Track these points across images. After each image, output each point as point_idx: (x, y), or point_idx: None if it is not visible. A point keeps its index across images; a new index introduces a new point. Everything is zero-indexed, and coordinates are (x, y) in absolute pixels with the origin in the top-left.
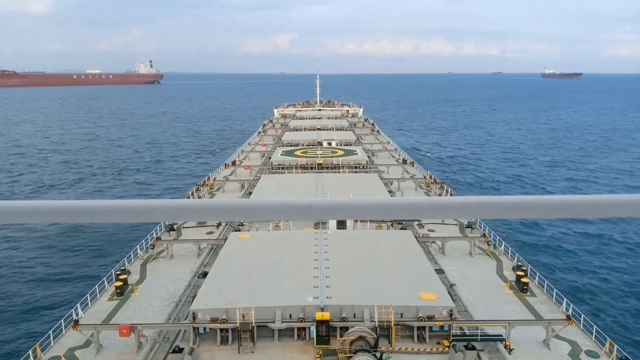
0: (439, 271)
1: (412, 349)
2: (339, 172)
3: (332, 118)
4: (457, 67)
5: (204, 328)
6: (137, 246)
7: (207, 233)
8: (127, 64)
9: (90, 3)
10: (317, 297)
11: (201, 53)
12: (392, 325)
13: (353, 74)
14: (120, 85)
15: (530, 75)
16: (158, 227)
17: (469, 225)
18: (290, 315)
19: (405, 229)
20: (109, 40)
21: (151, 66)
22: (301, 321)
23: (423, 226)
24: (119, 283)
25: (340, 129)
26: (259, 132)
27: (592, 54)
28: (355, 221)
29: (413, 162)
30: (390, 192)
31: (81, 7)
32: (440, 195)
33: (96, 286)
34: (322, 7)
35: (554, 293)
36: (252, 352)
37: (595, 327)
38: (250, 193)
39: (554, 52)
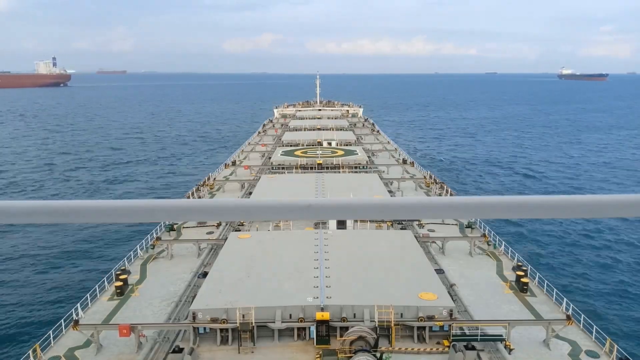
0: (439, 271)
1: (412, 349)
2: (339, 172)
3: (332, 118)
4: (444, 67)
5: (204, 328)
6: (137, 246)
7: (207, 233)
8: (102, 64)
9: (69, 1)
10: (317, 297)
11: (182, 53)
12: (392, 325)
13: (336, 74)
14: (6, 88)
15: (545, 76)
16: (158, 227)
17: (469, 225)
18: (290, 315)
19: (405, 229)
20: (87, 40)
21: (54, 65)
22: (301, 321)
23: (423, 226)
24: (119, 283)
25: (340, 129)
26: (259, 132)
27: (570, 54)
28: (355, 221)
29: (413, 162)
30: (390, 192)
31: (56, 4)
32: (440, 195)
33: (96, 286)
34: (305, 7)
35: (554, 293)
36: (252, 352)
37: (595, 327)
38: (250, 193)
39: (535, 52)
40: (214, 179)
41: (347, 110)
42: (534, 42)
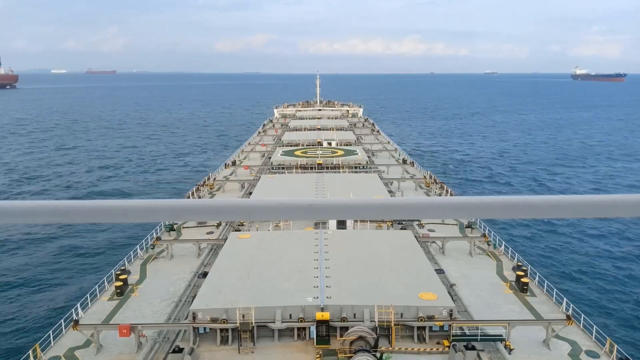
0: (439, 271)
1: (412, 349)
2: (339, 172)
3: (332, 118)
4: (439, 67)
5: (204, 328)
6: (137, 246)
7: (207, 233)
8: (92, 64)
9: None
10: (317, 297)
11: (174, 52)
12: (392, 325)
13: (329, 74)
14: None
15: (556, 76)
16: (158, 227)
17: (469, 225)
18: (290, 315)
19: (405, 229)
20: (77, 40)
21: None
22: (301, 321)
23: (423, 226)
24: (119, 283)
25: (340, 129)
26: (259, 132)
27: (560, 54)
28: (355, 221)
29: (413, 162)
30: (390, 192)
31: (47, 3)
32: (440, 195)
33: (96, 286)
34: (298, 7)
35: (554, 293)
36: (252, 352)
37: (595, 327)
38: (250, 193)
39: (528, 52)
40: (214, 179)
41: (347, 110)
42: (527, 42)
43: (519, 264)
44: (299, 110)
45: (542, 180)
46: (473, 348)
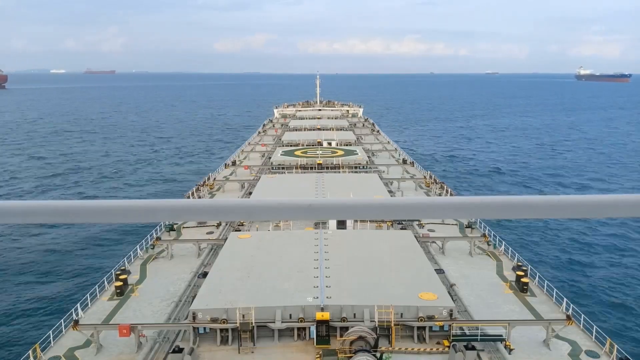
0: (439, 271)
1: (412, 349)
2: (339, 172)
3: (332, 118)
4: (439, 67)
5: (204, 328)
6: (137, 246)
7: (207, 233)
8: (91, 64)
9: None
10: (317, 297)
11: (174, 52)
12: (392, 325)
13: (329, 74)
14: None
15: (562, 77)
16: (158, 227)
17: (469, 225)
18: (290, 315)
19: (405, 229)
20: (76, 40)
21: None
22: (301, 321)
23: (423, 226)
24: (119, 283)
25: (340, 129)
26: (259, 132)
27: (559, 54)
28: (355, 221)
29: (413, 162)
30: (390, 192)
31: (46, 3)
32: (440, 195)
33: (96, 286)
34: (297, 7)
35: (554, 293)
36: (252, 352)
37: (595, 327)
38: (250, 193)
39: (528, 52)
40: (214, 179)
41: (347, 110)
42: (527, 42)
43: (519, 264)
44: (299, 110)
45: None
46: (473, 348)
